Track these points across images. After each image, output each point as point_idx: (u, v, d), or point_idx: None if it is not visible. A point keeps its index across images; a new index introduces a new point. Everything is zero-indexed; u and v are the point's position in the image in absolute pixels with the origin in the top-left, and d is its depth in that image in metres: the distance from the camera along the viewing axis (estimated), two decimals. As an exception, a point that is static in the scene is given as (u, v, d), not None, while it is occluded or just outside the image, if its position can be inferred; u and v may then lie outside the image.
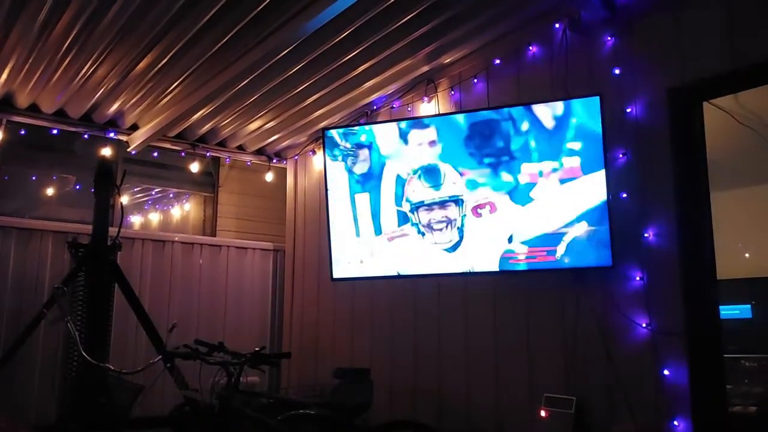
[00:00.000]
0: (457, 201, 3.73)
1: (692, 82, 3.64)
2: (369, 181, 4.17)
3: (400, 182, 3.92)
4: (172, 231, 7.25)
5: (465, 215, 3.76)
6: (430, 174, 3.90)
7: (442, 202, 3.81)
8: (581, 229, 3.80)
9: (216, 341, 3.57)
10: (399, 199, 4.01)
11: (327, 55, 4.54)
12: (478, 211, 3.77)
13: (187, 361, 3.47)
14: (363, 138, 4.20)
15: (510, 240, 3.78)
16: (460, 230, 3.76)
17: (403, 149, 3.97)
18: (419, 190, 3.93)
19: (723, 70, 3.50)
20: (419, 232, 3.99)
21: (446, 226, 3.78)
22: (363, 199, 4.21)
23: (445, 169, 3.86)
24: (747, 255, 6.93)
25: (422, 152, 3.81)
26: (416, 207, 3.98)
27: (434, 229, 3.83)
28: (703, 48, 3.59)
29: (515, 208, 3.82)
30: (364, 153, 4.16)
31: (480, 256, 3.92)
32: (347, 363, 5.37)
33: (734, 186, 6.35)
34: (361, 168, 4.21)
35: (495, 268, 3.84)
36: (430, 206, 3.86)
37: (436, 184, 3.83)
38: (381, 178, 4.07)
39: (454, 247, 3.81)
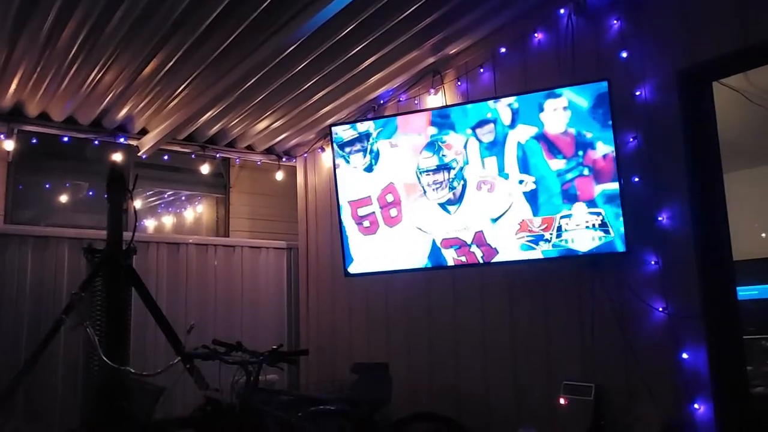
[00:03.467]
0: (448, 168, 4.39)
1: (701, 62, 3.60)
2: (495, 147, 4.32)
3: (520, 147, 4.21)
4: (186, 233, 7.29)
5: (455, 178, 4.37)
6: (430, 147, 4.50)
7: (438, 169, 4.45)
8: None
9: (234, 341, 3.59)
10: (501, 163, 4.28)
11: (332, 51, 4.54)
12: (482, 185, 4.27)
13: (206, 361, 3.50)
14: (489, 115, 4.33)
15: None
16: (452, 189, 4.39)
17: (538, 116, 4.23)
18: (424, 161, 4.54)
19: (732, 48, 3.46)
20: (423, 191, 4.55)
21: (439, 186, 4.43)
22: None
23: (450, 140, 4.44)
24: (763, 235, 6.87)
25: (558, 116, 4.07)
26: (422, 172, 4.54)
27: (432, 188, 4.47)
28: (712, 27, 3.54)
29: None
30: (490, 127, 4.36)
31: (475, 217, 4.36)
32: (364, 358, 5.39)
33: (748, 166, 6.30)
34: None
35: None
36: (427, 172, 4.49)
37: (436, 154, 4.47)
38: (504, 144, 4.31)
39: (449, 203, 4.42)
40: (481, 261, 4.34)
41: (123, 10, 3.90)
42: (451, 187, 4.39)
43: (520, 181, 4.14)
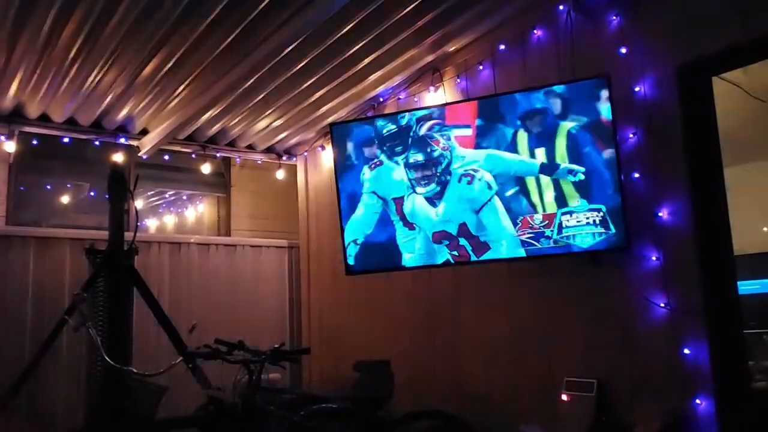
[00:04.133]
0: (436, 162, 4.43)
1: (701, 57, 3.60)
2: (544, 138, 4.16)
3: (570, 136, 4.05)
4: (188, 233, 7.31)
5: (443, 172, 4.40)
6: (417, 144, 4.54)
7: (426, 163, 4.49)
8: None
9: (236, 340, 3.60)
10: (552, 154, 4.14)
11: (331, 50, 4.55)
12: (463, 178, 4.32)
13: (208, 360, 3.51)
14: (539, 105, 4.18)
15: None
16: (441, 183, 4.43)
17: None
18: (412, 156, 4.59)
19: (732, 43, 3.46)
20: (413, 187, 4.60)
21: (428, 181, 4.47)
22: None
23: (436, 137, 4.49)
24: (765, 229, 6.88)
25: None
26: (411, 167, 4.58)
27: (422, 183, 4.51)
28: (711, 21, 3.54)
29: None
30: (540, 117, 4.18)
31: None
32: (366, 355, 5.39)
33: (749, 160, 6.30)
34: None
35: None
36: (415, 167, 4.53)
37: (422, 151, 4.51)
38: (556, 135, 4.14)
39: (436, 196, 4.48)
40: (471, 254, 4.34)
41: (123, 11, 3.90)
42: (438, 181, 4.40)
43: (571, 171, 4.02)
